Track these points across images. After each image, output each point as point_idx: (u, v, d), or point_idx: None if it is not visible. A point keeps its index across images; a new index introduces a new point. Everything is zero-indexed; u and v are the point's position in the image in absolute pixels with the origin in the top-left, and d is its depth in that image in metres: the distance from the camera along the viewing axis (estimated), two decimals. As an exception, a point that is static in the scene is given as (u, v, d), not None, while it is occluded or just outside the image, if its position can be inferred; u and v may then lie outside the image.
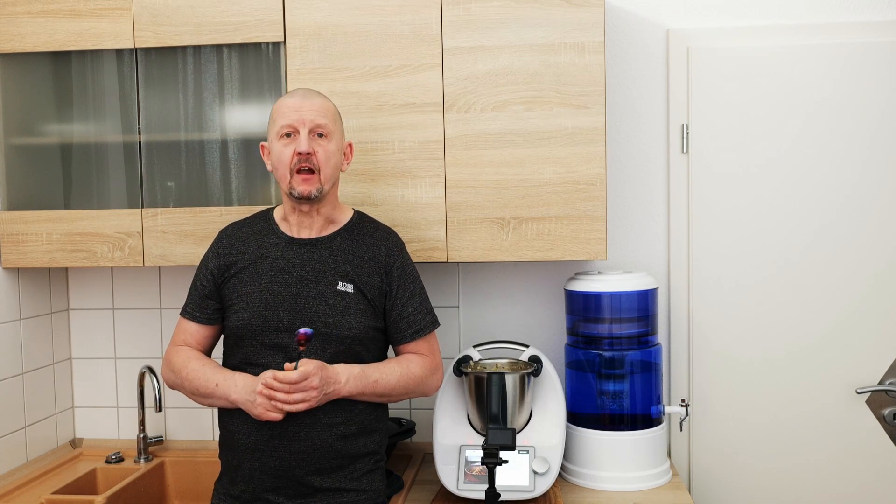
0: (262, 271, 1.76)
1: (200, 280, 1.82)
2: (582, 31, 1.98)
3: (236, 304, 1.76)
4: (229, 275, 1.78)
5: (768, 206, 2.28)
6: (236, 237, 1.83)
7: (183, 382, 1.76)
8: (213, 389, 1.70)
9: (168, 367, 1.80)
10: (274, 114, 1.75)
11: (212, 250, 1.83)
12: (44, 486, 2.10)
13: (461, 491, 1.92)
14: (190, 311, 1.83)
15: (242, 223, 1.86)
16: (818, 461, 2.30)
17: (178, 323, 1.85)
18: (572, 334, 2.18)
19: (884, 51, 2.23)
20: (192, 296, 1.83)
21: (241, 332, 1.74)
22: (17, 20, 2.13)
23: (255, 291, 1.75)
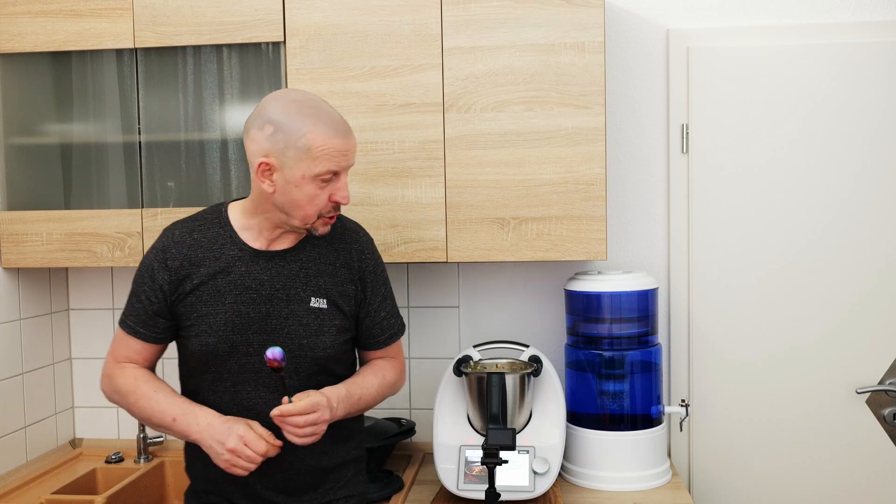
0: (225, 289, 1.55)
1: (146, 294, 1.57)
2: (582, 31, 1.97)
3: (197, 327, 1.55)
4: (183, 292, 1.56)
5: (768, 206, 2.28)
6: (187, 245, 1.57)
7: (131, 407, 1.57)
8: (170, 424, 1.53)
9: (110, 385, 1.60)
10: (314, 150, 1.47)
11: (157, 260, 1.57)
12: (44, 486, 2.10)
13: (461, 491, 1.92)
14: (132, 327, 1.59)
15: (192, 227, 1.60)
16: (818, 461, 2.30)
17: (117, 335, 1.62)
18: (572, 334, 2.18)
19: (884, 51, 2.23)
20: (133, 309, 1.58)
21: (205, 357, 1.56)
22: (17, 20, 2.12)
23: (218, 312, 1.55)
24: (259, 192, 1.53)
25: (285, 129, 1.46)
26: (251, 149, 1.50)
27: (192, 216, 1.63)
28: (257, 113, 1.50)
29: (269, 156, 1.47)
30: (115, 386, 1.59)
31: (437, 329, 2.42)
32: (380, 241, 2.05)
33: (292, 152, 1.47)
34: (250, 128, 1.50)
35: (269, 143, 1.47)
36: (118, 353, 1.62)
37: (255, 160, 1.49)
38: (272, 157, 1.47)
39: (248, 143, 1.51)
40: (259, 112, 1.50)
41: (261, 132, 1.48)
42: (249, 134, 1.50)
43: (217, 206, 1.64)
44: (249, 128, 1.50)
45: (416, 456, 2.30)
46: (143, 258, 1.61)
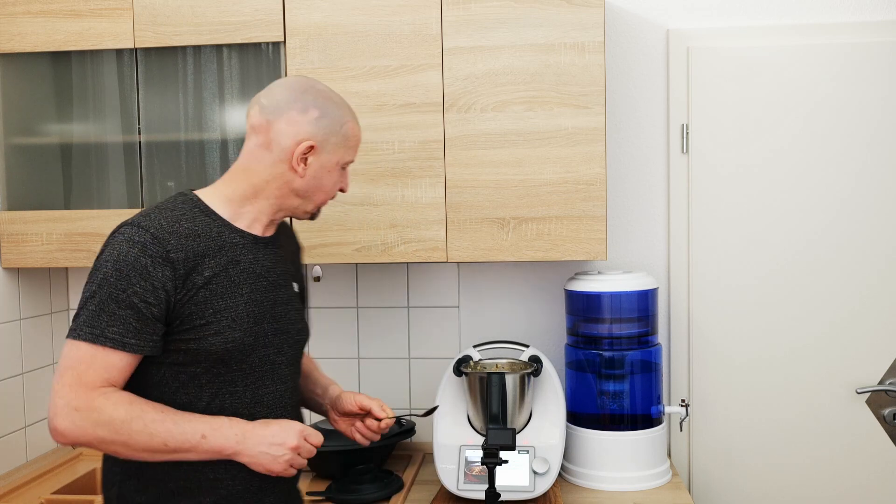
0: (240, 279, 1.44)
1: (138, 296, 1.33)
2: (582, 31, 1.98)
3: (216, 323, 1.40)
4: (192, 285, 1.38)
5: (768, 206, 2.28)
6: (182, 236, 1.39)
7: (133, 437, 1.31)
8: (196, 443, 1.34)
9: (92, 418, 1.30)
10: (351, 139, 1.51)
11: (150, 255, 1.35)
12: (44, 486, 2.10)
13: (461, 491, 1.92)
14: (118, 339, 1.32)
15: (173, 217, 1.41)
16: (818, 461, 2.30)
17: (81, 355, 1.32)
18: (572, 334, 2.18)
19: (884, 51, 2.23)
20: (116, 318, 1.32)
21: (227, 355, 1.41)
22: (17, 20, 2.12)
23: (238, 304, 1.43)
24: (275, 175, 1.46)
25: (331, 115, 1.47)
26: (287, 131, 1.44)
27: (158, 207, 1.43)
28: (292, 96, 1.45)
29: (313, 139, 1.45)
30: (104, 417, 1.30)
31: (437, 329, 2.42)
32: (380, 241, 2.05)
33: (335, 139, 1.47)
34: (287, 108, 1.44)
35: (314, 127, 1.45)
36: (89, 377, 1.31)
37: (294, 141, 1.44)
38: (315, 141, 1.45)
39: (282, 124, 1.44)
40: (295, 95, 1.46)
41: (304, 115, 1.44)
42: (287, 115, 1.44)
43: (183, 196, 1.47)
44: (286, 108, 1.44)
45: (416, 456, 2.30)
46: (115, 257, 1.35)
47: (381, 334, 2.44)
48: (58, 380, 1.32)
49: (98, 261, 1.37)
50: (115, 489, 1.43)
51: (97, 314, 1.33)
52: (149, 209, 1.43)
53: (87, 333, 1.32)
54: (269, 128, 1.45)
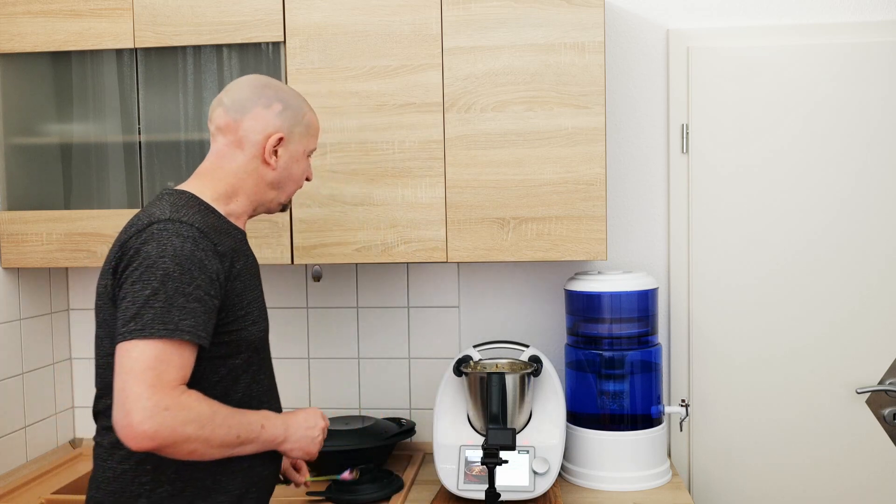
0: (253, 271, 1.53)
1: (205, 289, 1.34)
2: (582, 31, 1.98)
3: (252, 314, 1.46)
4: (233, 276, 1.42)
5: (768, 206, 2.28)
6: (214, 231, 1.42)
7: (214, 432, 1.31)
8: (258, 433, 1.39)
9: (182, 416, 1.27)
10: (312, 128, 1.59)
11: (202, 249, 1.35)
12: (44, 486, 2.10)
13: (461, 491, 1.92)
14: (201, 333, 1.32)
15: (194, 212, 1.42)
16: (818, 461, 2.30)
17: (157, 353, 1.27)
18: (572, 334, 2.18)
19: (884, 51, 2.23)
20: (192, 311, 1.31)
21: (259, 343, 1.50)
22: (17, 20, 2.12)
23: (258, 295, 1.52)
24: (249, 171, 1.51)
25: (293, 106, 1.54)
26: (255, 127, 1.50)
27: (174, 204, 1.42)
28: (254, 93, 1.51)
29: (281, 131, 1.52)
30: (192, 414, 1.28)
31: (437, 329, 2.42)
32: (380, 241, 2.05)
33: (299, 129, 1.55)
34: (251, 105, 1.50)
35: (280, 119, 1.52)
36: (170, 375, 1.28)
37: (265, 136, 1.50)
38: (283, 133, 1.52)
39: (249, 121, 1.50)
40: (256, 92, 1.51)
41: (268, 110, 1.51)
42: (252, 112, 1.50)
43: (183, 196, 1.45)
44: (250, 105, 1.50)
45: (416, 456, 2.30)
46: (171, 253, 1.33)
47: (381, 334, 2.44)
48: (135, 383, 1.25)
49: (145, 257, 1.32)
50: (142, 500, 1.38)
51: (167, 310, 1.29)
52: (168, 206, 1.41)
53: (160, 330, 1.27)
54: (237, 126, 1.50)
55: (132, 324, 1.28)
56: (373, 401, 2.45)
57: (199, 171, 1.53)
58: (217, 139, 1.52)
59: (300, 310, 2.45)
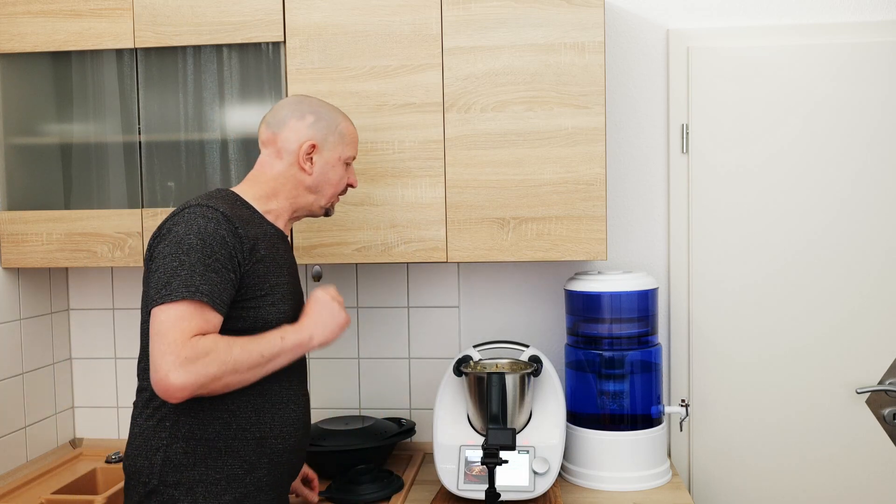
0: (280, 262, 1.64)
1: (223, 262, 1.49)
2: (582, 31, 1.98)
3: (272, 295, 1.58)
4: (254, 259, 1.55)
5: (768, 206, 2.28)
6: (241, 219, 1.56)
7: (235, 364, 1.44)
8: (279, 345, 1.51)
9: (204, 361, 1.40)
10: (347, 136, 1.73)
11: (225, 228, 1.50)
12: (44, 486, 2.10)
13: (461, 491, 1.92)
14: (217, 299, 1.47)
15: (226, 204, 1.58)
16: (818, 461, 2.30)
17: (180, 313, 1.43)
18: (572, 334, 2.18)
19: (884, 51, 2.23)
20: (207, 279, 1.46)
21: (278, 325, 1.58)
22: (17, 20, 2.12)
23: (283, 283, 1.62)
24: (288, 176, 1.68)
25: (325, 118, 1.70)
26: (291, 137, 1.67)
27: (211, 196, 1.58)
28: (290, 109, 1.70)
29: (313, 139, 1.68)
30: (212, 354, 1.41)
31: (437, 329, 2.42)
32: (380, 241, 2.05)
33: (333, 137, 1.70)
34: (287, 119, 1.68)
35: (313, 129, 1.68)
36: (191, 327, 1.42)
37: (298, 144, 1.67)
38: (318, 141, 1.69)
39: (286, 133, 1.68)
40: (292, 108, 1.70)
41: (302, 121, 1.68)
42: (288, 125, 1.68)
43: (224, 191, 1.64)
44: (286, 119, 1.68)
45: (416, 456, 2.30)
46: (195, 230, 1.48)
47: (381, 334, 2.44)
48: (161, 340, 1.41)
49: (174, 235, 1.49)
50: (159, 455, 1.52)
51: (190, 276, 1.45)
52: (203, 196, 1.59)
53: (183, 292, 1.43)
54: (275, 139, 1.68)
55: (163, 290, 1.44)
56: (373, 401, 2.45)
57: (247, 177, 1.71)
58: (262, 152, 1.71)
59: (300, 310, 2.45)
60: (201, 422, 1.53)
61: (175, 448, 1.52)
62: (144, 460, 1.53)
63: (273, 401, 1.60)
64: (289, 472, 1.66)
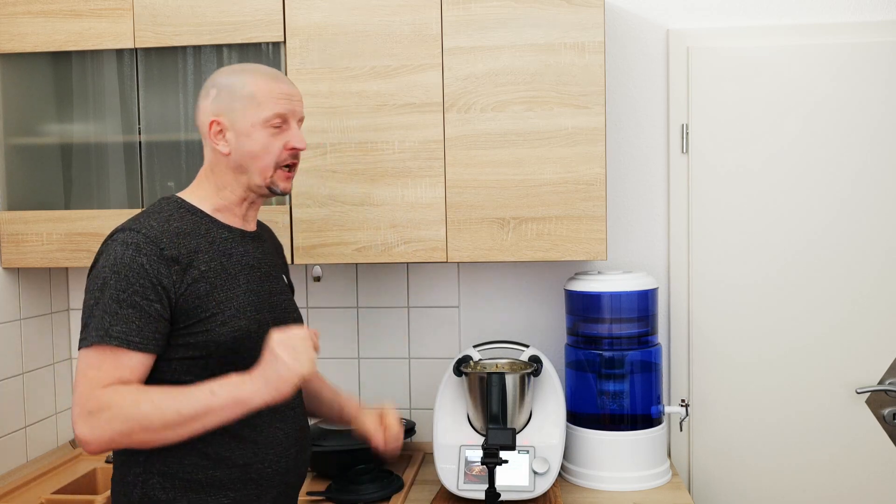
0: (235, 270, 1.49)
1: (142, 294, 1.35)
2: (582, 31, 1.98)
3: (222, 314, 1.43)
4: (190, 279, 1.41)
5: (768, 206, 2.28)
6: (173, 234, 1.42)
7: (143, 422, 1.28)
8: (209, 400, 1.30)
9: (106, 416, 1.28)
10: (259, 96, 1.49)
11: (145, 254, 1.37)
12: (44, 486, 2.10)
13: (461, 491, 1.92)
14: (126, 338, 1.33)
15: (162, 218, 1.45)
16: (818, 461, 2.30)
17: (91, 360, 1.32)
18: (572, 334, 2.18)
19: (884, 51, 2.23)
20: (122, 317, 1.33)
21: (236, 343, 1.43)
22: (17, 20, 2.12)
23: (238, 295, 1.47)
24: (216, 163, 1.52)
25: (228, 86, 1.50)
26: (202, 120, 1.52)
27: (146, 213, 1.47)
28: (202, 89, 1.54)
29: (219, 115, 1.50)
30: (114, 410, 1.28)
31: (437, 329, 2.42)
32: (380, 241, 2.05)
33: (238, 104, 1.49)
34: (198, 102, 1.54)
35: (215, 104, 1.50)
36: (100, 379, 1.31)
37: (206, 125, 1.51)
38: (221, 116, 1.50)
39: (199, 116, 1.53)
40: (203, 90, 1.54)
41: (206, 100, 1.52)
42: (199, 107, 1.53)
43: (167, 199, 1.52)
44: (198, 101, 1.54)
45: (416, 456, 2.30)
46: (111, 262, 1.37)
47: (381, 334, 2.44)
48: (74, 389, 1.33)
49: (95, 269, 1.40)
50: (136, 492, 1.41)
51: (101, 317, 1.34)
52: (137, 215, 1.47)
53: (94, 337, 1.33)
54: (198, 127, 1.55)
55: (81, 333, 1.37)
56: (373, 401, 2.44)
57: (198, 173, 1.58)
58: None
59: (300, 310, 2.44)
60: (175, 454, 1.39)
61: (152, 483, 1.41)
62: (124, 497, 1.43)
63: (253, 423, 1.43)
64: (285, 492, 1.53)
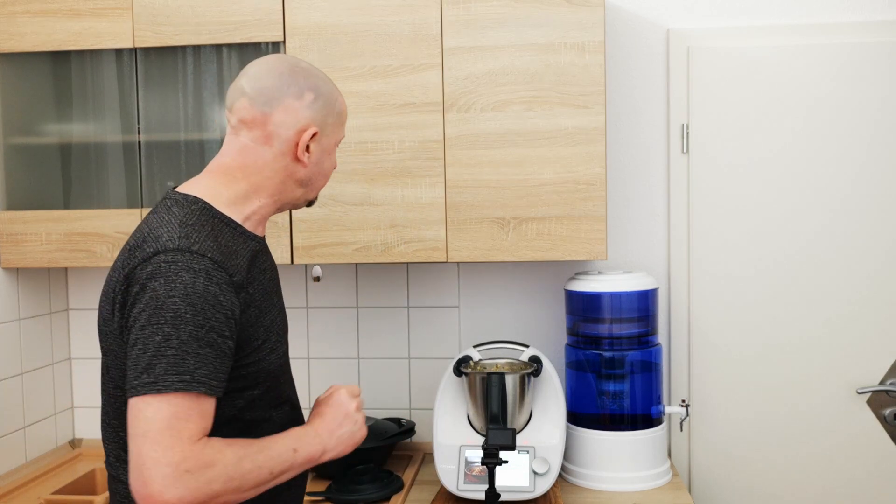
0: (269, 288, 1.36)
1: (219, 331, 1.18)
2: (582, 31, 1.97)
3: (270, 341, 1.32)
4: (245, 305, 1.26)
5: (768, 207, 2.28)
6: (228, 254, 1.26)
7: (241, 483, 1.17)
8: (291, 459, 1.24)
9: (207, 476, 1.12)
10: (342, 116, 1.40)
11: (217, 283, 1.20)
12: (43, 487, 2.10)
13: (461, 491, 1.91)
14: (215, 383, 1.17)
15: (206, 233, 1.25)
16: (819, 462, 2.30)
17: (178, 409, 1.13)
18: (572, 334, 2.18)
19: (884, 51, 2.23)
20: (205, 358, 1.16)
21: (279, 371, 1.35)
22: (17, 20, 2.12)
23: (276, 318, 1.36)
24: (278, 168, 1.34)
25: (324, 94, 1.35)
26: (286, 121, 1.32)
27: (187, 225, 1.24)
28: (283, 82, 1.32)
29: (318, 124, 1.35)
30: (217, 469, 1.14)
31: (437, 329, 2.42)
32: (380, 241, 2.05)
33: (331, 119, 1.37)
34: (282, 96, 1.31)
35: (312, 111, 1.33)
36: (189, 431, 1.13)
37: (297, 131, 1.33)
38: (316, 126, 1.34)
39: (280, 114, 1.31)
40: (286, 81, 1.32)
41: (300, 101, 1.32)
42: (283, 104, 1.31)
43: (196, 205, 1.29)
44: (280, 96, 1.31)
45: (416, 456, 2.30)
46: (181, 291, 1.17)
47: (381, 334, 2.44)
48: (151, 447, 1.11)
49: (153, 296, 1.17)
50: None
51: (181, 359, 1.14)
52: (172, 227, 1.23)
53: (175, 383, 1.13)
54: (265, 120, 1.31)
55: (144, 376, 1.13)
56: (373, 401, 2.44)
57: (216, 167, 1.34)
58: (240, 133, 1.33)
59: (300, 310, 2.45)
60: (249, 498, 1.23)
61: None
62: None
63: None
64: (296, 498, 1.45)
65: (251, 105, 1.31)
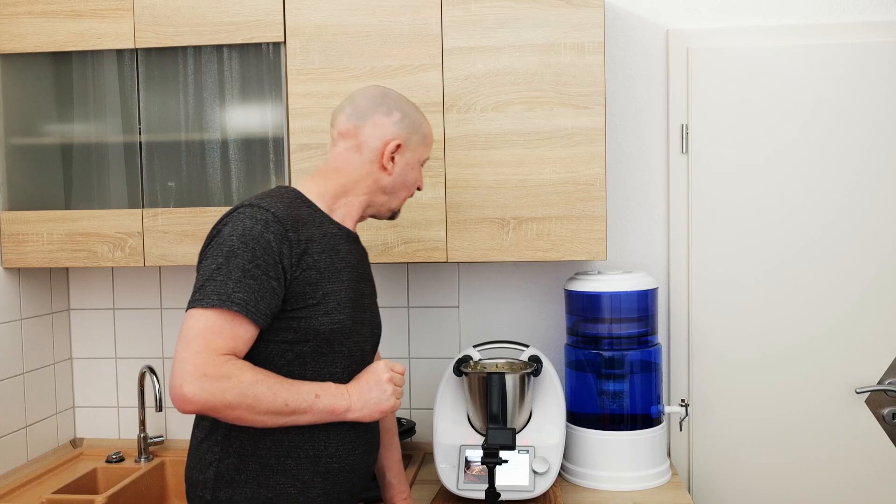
0: (339, 266, 1.52)
1: (264, 269, 1.39)
2: (582, 32, 1.98)
3: (325, 304, 1.47)
4: (305, 265, 1.45)
5: (768, 206, 2.29)
6: (294, 219, 1.46)
7: (258, 399, 1.35)
8: (311, 402, 1.42)
9: (221, 385, 1.32)
10: (427, 138, 1.65)
11: (272, 231, 1.41)
12: (44, 486, 2.10)
13: (461, 491, 1.92)
14: (252, 309, 1.37)
15: (284, 203, 1.48)
16: (818, 461, 2.30)
17: (210, 323, 1.35)
18: (572, 334, 2.18)
19: (884, 51, 2.23)
20: (247, 287, 1.37)
21: (332, 335, 1.49)
22: (18, 20, 2.13)
23: (341, 289, 1.51)
24: (365, 174, 1.59)
25: (410, 116, 1.62)
26: (375, 133, 1.58)
27: (269, 195, 1.49)
28: (375, 102, 1.59)
29: (399, 138, 1.59)
30: (233, 382, 1.33)
31: (437, 329, 2.42)
32: (380, 241, 2.05)
33: (416, 137, 1.62)
34: (373, 113, 1.58)
35: (398, 127, 1.59)
36: (217, 344, 1.34)
37: (384, 142, 1.58)
38: (401, 140, 1.59)
39: (370, 127, 1.58)
40: (377, 101, 1.59)
41: (388, 118, 1.59)
42: (373, 119, 1.58)
43: (285, 189, 1.55)
44: (371, 112, 1.58)
45: (416, 456, 2.30)
46: (239, 232, 1.40)
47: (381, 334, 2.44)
48: (185, 347, 1.34)
49: (220, 236, 1.42)
50: (211, 470, 1.47)
51: (225, 282, 1.37)
52: (260, 195, 1.50)
53: (214, 300, 1.35)
54: (357, 132, 1.58)
55: (197, 294, 1.38)
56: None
57: (318, 170, 1.60)
58: (337, 143, 1.60)
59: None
60: (252, 437, 1.45)
61: (227, 463, 1.46)
62: (199, 473, 1.48)
63: None
64: (348, 490, 1.56)
65: (348, 119, 1.59)
